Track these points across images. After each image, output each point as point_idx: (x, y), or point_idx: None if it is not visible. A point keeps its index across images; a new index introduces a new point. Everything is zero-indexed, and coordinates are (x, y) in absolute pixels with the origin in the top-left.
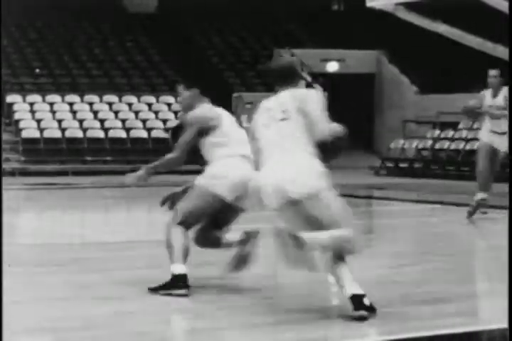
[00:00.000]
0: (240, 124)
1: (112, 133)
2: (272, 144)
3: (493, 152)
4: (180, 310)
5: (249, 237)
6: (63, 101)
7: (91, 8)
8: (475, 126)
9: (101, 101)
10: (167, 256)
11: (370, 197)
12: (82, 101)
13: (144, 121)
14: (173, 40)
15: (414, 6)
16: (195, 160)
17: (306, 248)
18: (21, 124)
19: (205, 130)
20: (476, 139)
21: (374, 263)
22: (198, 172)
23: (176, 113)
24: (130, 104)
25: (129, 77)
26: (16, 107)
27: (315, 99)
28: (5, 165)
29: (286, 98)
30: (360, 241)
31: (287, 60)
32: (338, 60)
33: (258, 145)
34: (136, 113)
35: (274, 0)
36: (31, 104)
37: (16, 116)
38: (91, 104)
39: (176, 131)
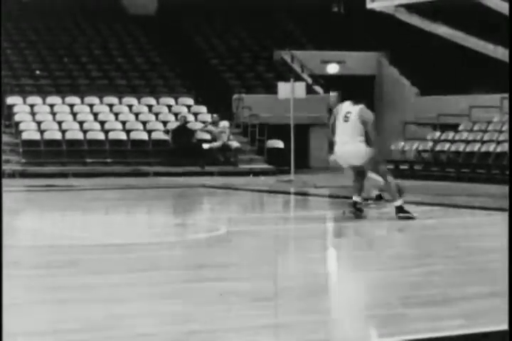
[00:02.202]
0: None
1: (112, 135)
2: None
3: None
4: (179, 311)
5: None
6: (63, 102)
7: (91, 9)
8: (475, 127)
9: (101, 102)
10: (167, 257)
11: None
12: (82, 102)
13: (144, 123)
14: (173, 41)
15: (414, 8)
16: (194, 161)
17: None
18: (21, 126)
19: None
20: (476, 141)
21: (374, 265)
22: (198, 173)
23: (176, 115)
24: (130, 106)
25: (129, 78)
26: (16, 109)
27: None
28: (5, 167)
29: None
30: None
31: None
32: (339, 62)
33: None
34: (137, 115)
35: (274, 1)
36: (31, 106)
37: (16, 117)
38: (91, 105)
39: (176, 133)
